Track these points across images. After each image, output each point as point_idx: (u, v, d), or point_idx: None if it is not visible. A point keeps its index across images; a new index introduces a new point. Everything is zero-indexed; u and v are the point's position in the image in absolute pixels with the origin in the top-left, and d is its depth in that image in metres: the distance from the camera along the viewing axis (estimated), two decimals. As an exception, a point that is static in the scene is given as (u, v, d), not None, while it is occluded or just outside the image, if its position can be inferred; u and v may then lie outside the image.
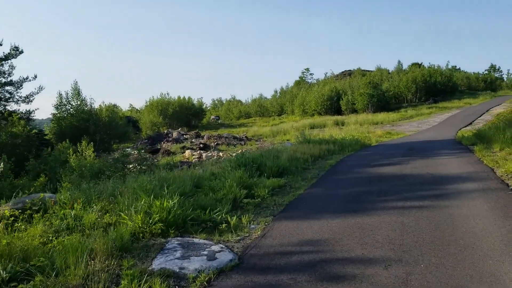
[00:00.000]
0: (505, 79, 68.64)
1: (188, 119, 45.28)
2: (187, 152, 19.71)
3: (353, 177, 8.88)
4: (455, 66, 66.85)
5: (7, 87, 22.86)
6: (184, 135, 28.06)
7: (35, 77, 23.69)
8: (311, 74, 72.65)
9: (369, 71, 59.04)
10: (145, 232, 4.96)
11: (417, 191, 6.97)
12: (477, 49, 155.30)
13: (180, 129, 34.57)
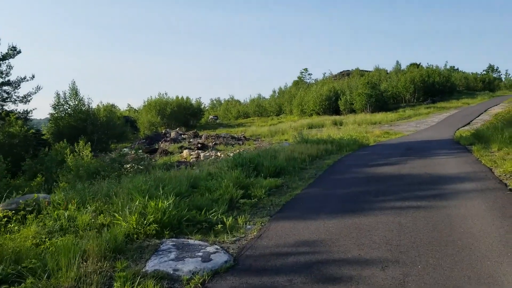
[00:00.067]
0: (503, 79, 68.87)
1: (186, 119, 45.25)
2: (185, 152, 19.64)
3: (351, 177, 8.83)
4: (454, 66, 67.16)
5: (5, 87, 22.85)
6: (182, 135, 27.97)
7: (33, 77, 23.68)
8: (309, 74, 72.60)
9: (367, 71, 59.15)
10: (140, 233, 4.90)
11: (415, 191, 6.93)
12: (476, 49, 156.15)
13: (178, 129, 34.49)
